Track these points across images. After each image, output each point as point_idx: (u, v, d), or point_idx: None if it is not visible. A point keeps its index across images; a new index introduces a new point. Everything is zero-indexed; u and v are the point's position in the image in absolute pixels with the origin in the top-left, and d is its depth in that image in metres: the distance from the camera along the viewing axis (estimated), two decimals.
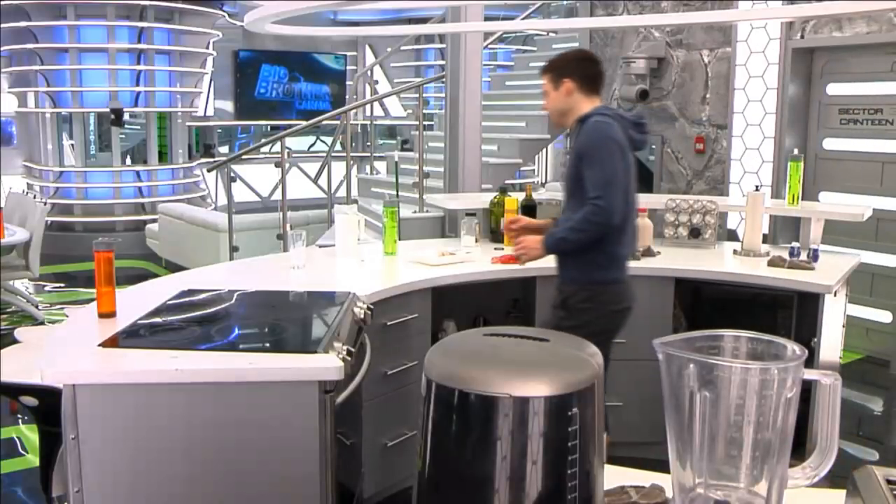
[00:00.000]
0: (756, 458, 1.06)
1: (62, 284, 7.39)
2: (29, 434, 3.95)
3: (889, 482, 1.03)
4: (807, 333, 3.11)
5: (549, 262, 3.55)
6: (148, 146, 9.53)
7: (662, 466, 1.36)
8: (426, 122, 6.62)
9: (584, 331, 2.84)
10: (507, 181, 6.06)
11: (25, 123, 9.67)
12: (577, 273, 2.79)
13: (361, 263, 3.43)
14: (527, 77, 7.68)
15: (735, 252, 3.69)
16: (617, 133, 2.69)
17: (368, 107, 9.26)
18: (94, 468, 1.85)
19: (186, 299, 2.58)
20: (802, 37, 5.26)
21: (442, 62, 8.15)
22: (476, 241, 3.72)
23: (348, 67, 12.39)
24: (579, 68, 2.79)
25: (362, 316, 2.50)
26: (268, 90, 11.84)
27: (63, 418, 1.84)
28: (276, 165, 5.24)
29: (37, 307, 6.24)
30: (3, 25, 8.69)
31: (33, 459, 3.58)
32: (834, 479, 1.20)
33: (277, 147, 5.49)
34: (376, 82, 11.46)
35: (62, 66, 8.89)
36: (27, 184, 9.47)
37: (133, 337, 2.15)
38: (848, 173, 5.21)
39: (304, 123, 6.24)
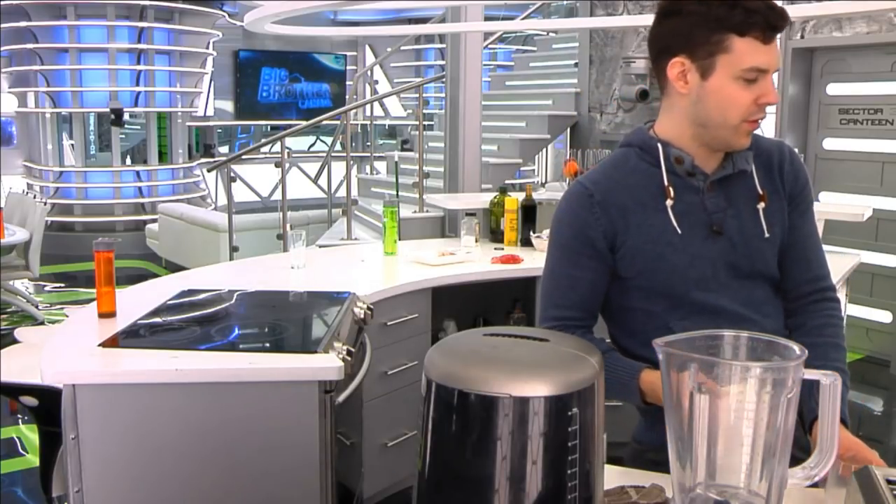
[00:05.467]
0: (756, 458, 1.06)
1: (62, 284, 7.39)
2: (29, 434, 3.95)
3: (889, 482, 1.04)
4: None
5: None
6: (148, 146, 9.53)
7: (662, 466, 1.37)
8: (426, 122, 6.62)
9: None
10: (507, 181, 6.06)
11: (25, 123, 9.67)
12: None
13: (361, 263, 3.43)
14: (527, 77, 7.68)
15: None
16: None
17: (368, 107, 9.27)
18: (94, 468, 1.85)
19: (186, 299, 2.58)
20: (802, 37, 5.26)
21: (442, 62, 8.16)
22: (476, 241, 3.72)
23: (348, 67, 12.39)
24: None
25: (362, 316, 2.50)
26: (270, 92, 11.84)
27: (63, 418, 1.84)
28: (276, 165, 5.23)
29: (37, 307, 6.24)
30: (3, 25, 8.69)
31: (33, 459, 3.58)
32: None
33: (277, 147, 5.49)
34: (376, 82, 11.47)
35: (62, 66, 8.89)
36: (27, 184, 9.48)
37: (133, 337, 2.15)
38: (848, 173, 5.21)
39: (303, 123, 6.24)
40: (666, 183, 1.44)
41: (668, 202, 1.43)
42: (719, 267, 1.46)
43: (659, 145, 1.46)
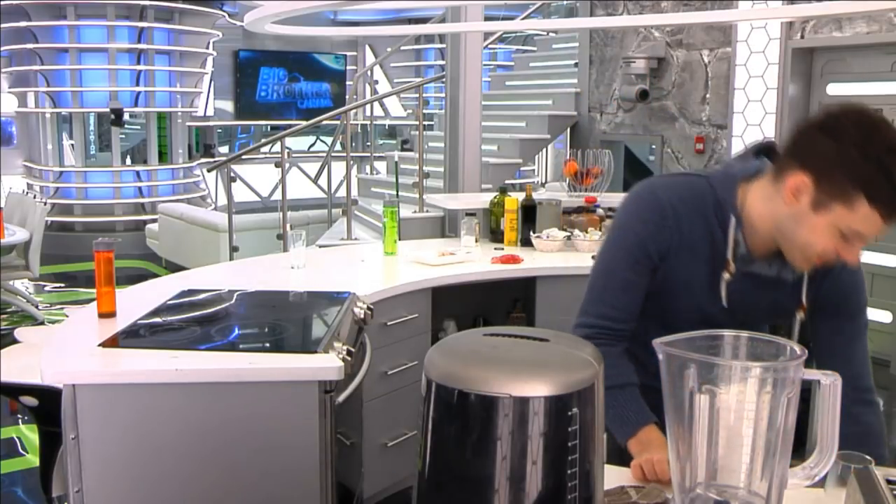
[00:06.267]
0: (756, 458, 1.06)
1: (62, 284, 7.39)
2: (29, 434, 3.95)
3: (889, 482, 1.04)
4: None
5: (555, 262, 3.56)
6: (148, 146, 9.53)
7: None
8: (426, 122, 6.62)
9: None
10: (507, 181, 6.07)
11: (25, 123, 9.67)
12: None
13: (361, 263, 3.43)
14: (527, 77, 7.69)
15: None
16: None
17: (368, 107, 9.27)
18: (94, 468, 1.85)
19: (186, 299, 2.58)
20: (802, 37, 5.26)
21: (442, 62, 8.16)
22: (476, 241, 3.72)
23: (348, 67, 12.39)
24: None
25: (362, 316, 2.50)
26: (269, 92, 11.84)
27: (63, 418, 1.84)
28: (276, 165, 5.23)
29: (37, 307, 6.25)
30: (3, 25, 8.69)
31: (33, 459, 3.58)
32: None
33: (277, 147, 5.49)
34: (376, 82, 11.47)
35: (62, 66, 8.90)
36: (27, 184, 9.48)
37: (133, 337, 2.15)
38: None
39: (303, 123, 6.24)
40: (730, 257, 1.47)
41: (726, 276, 1.48)
42: (719, 318, 1.49)
43: (733, 220, 1.45)
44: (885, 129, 1.28)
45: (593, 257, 3.73)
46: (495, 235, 3.95)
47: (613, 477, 1.31)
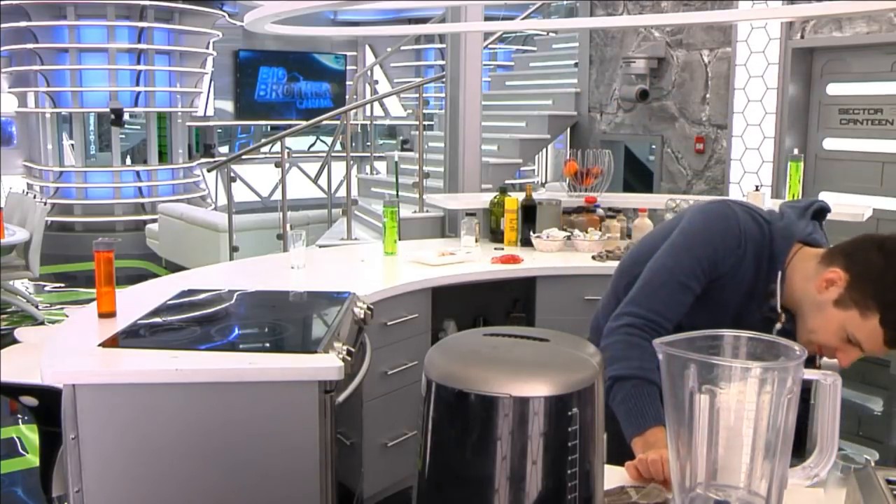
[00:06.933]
0: (756, 458, 1.06)
1: (62, 284, 7.39)
2: (29, 434, 3.95)
3: (889, 482, 1.04)
4: None
5: (555, 262, 3.56)
6: (148, 146, 9.54)
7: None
8: (426, 122, 6.62)
9: None
10: (507, 181, 6.07)
11: (25, 123, 9.67)
12: None
13: (361, 263, 3.43)
14: (527, 77, 7.69)
15: None
16: None
17: (368, 107, 9.27)
18: (94, 468, 1.85)
19: (186, 299, 2.58)
20: (802, 37, 5.26)
21: (442, 62, 8.16)
22: (476, 241, 3.72)
23: (348, 67, 12.39)
24: None
25: (362, 316, 2.50)
26: (268, 92, 11.84)
27: (63, 418, 1.84)
28: (276, 165, 5.23)
29: (37, 307, 6.25)
30: (3, 25, 8.70)
31: (33, 459, 3.58)
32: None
33: (277, 147, 5.49)
34: (376, 82, 11.47)
35: (62, 66, 8.90)
36: (27, 184, 9.48)
37: (133, 337, 2.15)
38: (848, 173, 5.21)
39: (303, 123, 6.24)
40: (779, 309, 1.57)
41: (778, 325, 1.57)
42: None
43: (780, 275, 1.56)
44: None
45: (593, 257, 3.73)
46: (495, 235, 3.95)
47: (613, 477, 1.31)
